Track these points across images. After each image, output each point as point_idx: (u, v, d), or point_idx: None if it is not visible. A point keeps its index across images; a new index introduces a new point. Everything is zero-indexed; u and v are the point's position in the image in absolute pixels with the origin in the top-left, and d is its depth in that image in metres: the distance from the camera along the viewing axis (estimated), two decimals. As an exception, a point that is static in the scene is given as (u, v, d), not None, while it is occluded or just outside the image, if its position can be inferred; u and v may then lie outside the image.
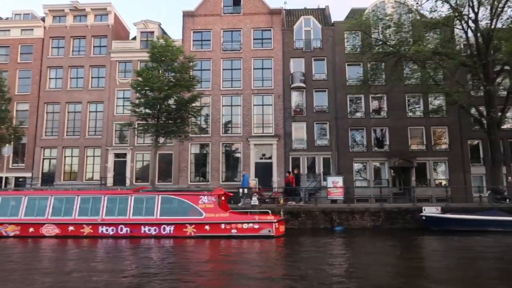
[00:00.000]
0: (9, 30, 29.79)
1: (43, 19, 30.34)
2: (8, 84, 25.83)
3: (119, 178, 27.71)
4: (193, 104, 21.41)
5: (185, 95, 21.30)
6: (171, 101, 20.99)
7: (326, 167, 27.15)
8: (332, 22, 29.51)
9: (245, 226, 14.35)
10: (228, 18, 29.12)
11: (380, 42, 21.81)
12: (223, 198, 15.77)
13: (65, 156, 28.37)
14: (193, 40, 29.02)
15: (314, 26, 28.67)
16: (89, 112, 28.86)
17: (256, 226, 14.45)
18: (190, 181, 27.45)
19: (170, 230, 14.33)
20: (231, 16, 29.13)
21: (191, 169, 27.92)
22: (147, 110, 21.00)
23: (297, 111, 28.02)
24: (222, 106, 28.25)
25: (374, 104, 27.77)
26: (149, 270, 9.89)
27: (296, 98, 28.25)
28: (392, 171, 27.03)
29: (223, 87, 28.28)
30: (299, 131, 27.82)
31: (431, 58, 21.51)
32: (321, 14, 30.92)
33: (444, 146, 27.05)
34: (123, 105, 28.66)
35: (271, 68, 28.43)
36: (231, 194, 17.19)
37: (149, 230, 14.37)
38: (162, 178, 27.75)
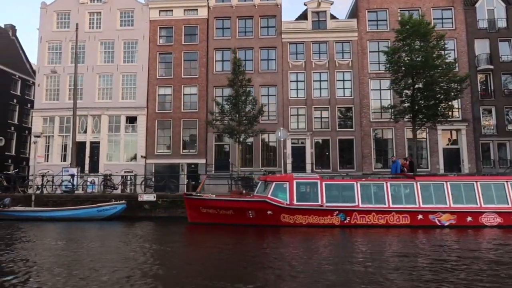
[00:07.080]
0: (171, 10, 28.36)
1: (204, -1, 28.95)
2: (242, 63, 23.82)
3: (296, 165, 26.56)
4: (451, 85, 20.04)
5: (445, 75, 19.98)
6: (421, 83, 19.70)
7: (518, 153, 25.97)
8: (515, 0, 28.06)
9: None
10: (405, -4, 27.68)
11: None
12: None
13: (238, 142, 27.11)
14: (368, 20, 27.60)
15: (497, 4, 27.20)
16: (261, 96, 27.57)
17: None
18: (374, 168, 26.30)
19: None
20: (408, -5, 27.68)
21: (374, 155, 26.74)
22: (407, 92, 19.84)
23: (484, 94, 26.70)
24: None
25: None
26: None
27: (482, 81, 26.94)
28: None
29: (403, 69, 26.90)
30: (487, 115, 26.56)
31: None
32: (496, -7, 29.30)
33: None
34: (297, 88, 27.49)
35: (454, 50, 26.97)
36: None
37: None
38: (343, 165, 26.69)
